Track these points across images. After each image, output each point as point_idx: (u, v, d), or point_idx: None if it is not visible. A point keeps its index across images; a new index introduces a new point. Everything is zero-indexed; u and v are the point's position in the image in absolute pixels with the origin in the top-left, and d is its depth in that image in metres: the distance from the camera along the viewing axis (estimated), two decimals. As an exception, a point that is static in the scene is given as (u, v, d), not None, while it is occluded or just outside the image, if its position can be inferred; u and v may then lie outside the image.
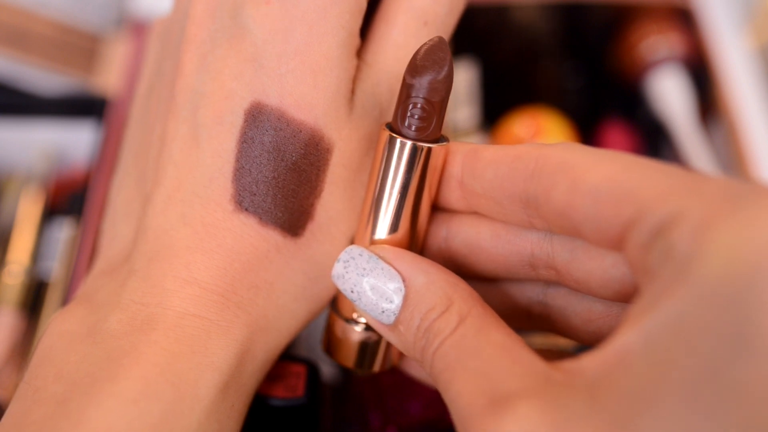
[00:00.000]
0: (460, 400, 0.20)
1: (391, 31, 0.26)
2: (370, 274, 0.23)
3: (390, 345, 0.26)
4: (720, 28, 0.47)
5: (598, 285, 0.23)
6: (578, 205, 0.21)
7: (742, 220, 0.17)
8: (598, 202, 0.20)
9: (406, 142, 0.23)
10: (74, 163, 0.46)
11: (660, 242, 0.18)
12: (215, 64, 0.25)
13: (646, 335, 0.18)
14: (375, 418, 0.33)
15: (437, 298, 0.22)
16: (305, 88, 0.24)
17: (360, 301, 0.23)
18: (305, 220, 0.25)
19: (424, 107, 0.23)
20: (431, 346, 0.22)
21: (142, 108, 0.29)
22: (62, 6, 0.45)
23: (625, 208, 0.20)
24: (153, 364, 0.23)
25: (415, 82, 0.23)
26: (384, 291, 0.23)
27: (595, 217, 0.20)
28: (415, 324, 0.22)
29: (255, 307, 0.25)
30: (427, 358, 0.22)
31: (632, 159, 0.21)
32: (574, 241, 0.23)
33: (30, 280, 0.40)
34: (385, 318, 0.23)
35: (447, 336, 0.21)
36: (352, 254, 0.24)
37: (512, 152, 0.23)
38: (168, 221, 0.25)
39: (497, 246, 0.25)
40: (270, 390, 0.27)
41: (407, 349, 0.23)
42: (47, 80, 0.44)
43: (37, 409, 0.22)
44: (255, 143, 0.25)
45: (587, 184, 0.21)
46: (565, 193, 0.21)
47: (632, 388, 0.17)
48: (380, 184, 0.24)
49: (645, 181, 0.20)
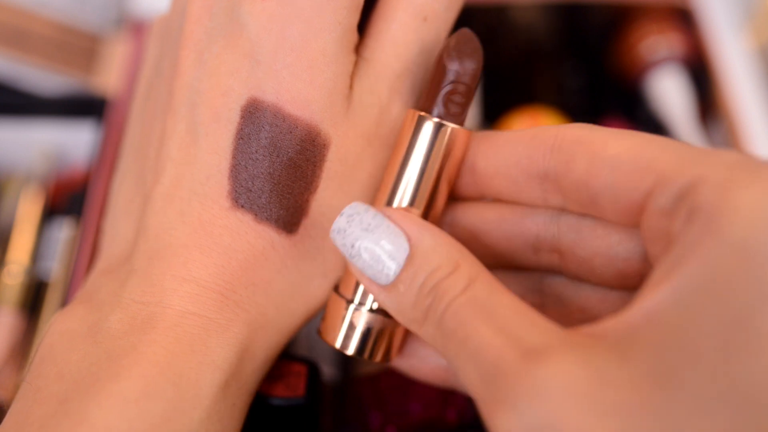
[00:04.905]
0: (486, 353, 0.19)
1: (389, 27, 0.26)
2: (375, 230, 0.23)
3: (393, 335, 0.26)
4: (720, 28, 0.47)
5: (602, 263, 0.24)
6: (598, 174, 0.22)
7: (763, 183, 0.18)
8: (617, 172, 0.21)
9: (443, 124, 0.24)
10: (74, 163, 0.46)
11: (684, 206, 0.19)
12: (212, 61, 0.25)
13: (677, 291, 0.18)
14: (375, 418, 0.33)
15: (444, 260, 0.22)
16: (301, 84, 0.24)
17: (359, 258, 0.23)
18: (300, 216, 0.25)
19: (463, 92, 0.24)
20: (440, 304, 0.21)
21: (141, 106, 0.29)
22: (62, 6, 0.45)
23: (645, 177, 0.21)
24: (153, 363, 0.23)
25: (458, 68, 0.24)
26: (387, 248, 0.22)
27: (615, 185, 0.21)
28: (419, 283, 0.22)
29: (254, 305, 0.25)
30: (433, 317, 0.21)
31: (648, 135, 0.22)
32: (581, 222, 0.24)
33: (30, 280, 0.40)
34: (383, 278, 0.22)
35: (457, 295, 0.21)
36: (357, 209, 0.23)
37: (528, 132, 0.24)
38: (167, 219, 0.25)
39: (502, 229, 0.25)
40: (270, 389, 0.27)
41: (403, 311, 0.22)
42: (47, 80, 0.44)
43: (38, 408, 0.22)
44: (251, 140, 0.25)
45: (607, 155, 0.22)
46: (585, 163, 0.22)
47: (667, 343, 0.17)
48: (404, 163, 0.24)
49: (664, 153, 0.21)
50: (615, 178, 0.21)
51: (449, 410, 0.33)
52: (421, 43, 0.26)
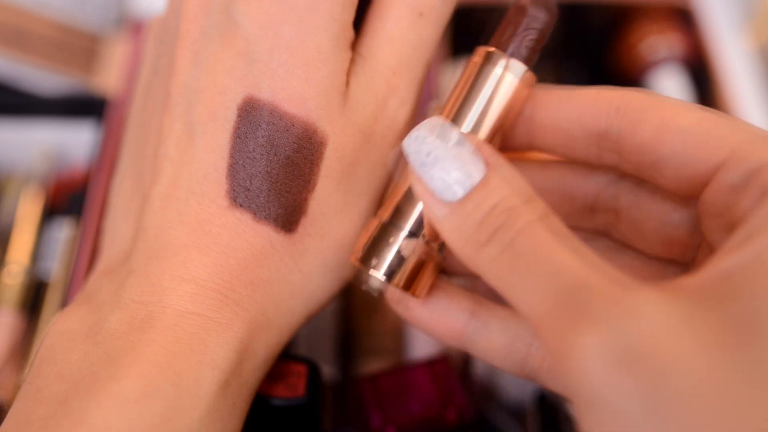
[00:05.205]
0: (570, 273, 0.19)
1: (385, 23, 0.26)
2: (454, 146, 0.22)
3: (426, 270, 0.24)
4: (720, 28, 0.47)
5: (653, 228, 0.25)
6: (667, 141, 0.22)
7: None
8: (687, 141, 0.22)
9: (517, 64, 0.24)
10: (74, 163, 0.46)
11: (756, 183, 0.20)
12: (208, 60, 0.25)
13: (758, 253, 0.18)
14: (375, 418, 0.33)
15: (520, 189, 0.21)
16: (297, 81, 0.24)
17: (431, 168, 0.21)
18: (299, 215, 0.25)
19: (539, 39, 0.25)
20: (514, 224, 0.20)
21: (140, 106, 0.30)
22: (62, 6, 0.45)
23: (717, 150, 0.21)
24: (153, 362, 0.23)
25: (539, 14, 0.24)
26: (463, 164, 0.21)
27: (683, 154, 0.22)
28: (491, 204, 0.21)
29: (253, 305, 0.25)
30: (503, 237, 0.20)
31: (719, 111, 0.22)
32: (640, 186, 0.25)
33: (30, 280, 0.40)
34: (451, 194, 0.21)
35: (534, 219, 0.20)
36: (439, 122, 0.22)
37: (590, 91, 0.24)
38: (165, 219, 0.25)
39: (563, 188, 0.26)
40: (271, 389, 0.27)
41: (464, 231, 0.21)
42: (47, 80, 0.44)
43: (38, 408, 0.22)
44: (248, 138, 0.25)
45: (678, 123, 0.22)
46: (654, 128, 0.22)
47: (754, 294, 0.18)
48: (469, 94, 0.24)
49: (737, 131, 0.21)
50: (684, 147, 0.22)
51: (449, 410, 0.33)
52: (418, 38, 0.26)
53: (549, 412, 0.33)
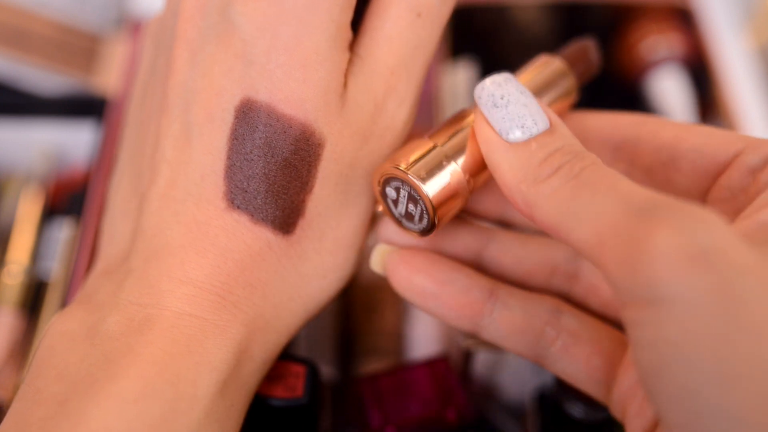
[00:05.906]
0: (640, 194, 0.20)
1: (383, 23, 0.26)
2: (527, 96, 0.24)
3: (455, 204, 0.25)
4: (720, 28, 0.47)
5: None
6: (687, 138, 0.25)
7: None
8: (709, 138, 0.25)
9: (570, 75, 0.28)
10: (74, 163, 0.46)
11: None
12: (205, 61, 0.25)
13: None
14: (375, 418, 0.33)
15: (579, 142, 0.23)
16: (294, 83, 0.24)
17: (503, 110, 0.23)
18: (296, 216, 0.25)
19: (585, 76, 0.29)
20: (582, 161, 0.22)
21: (137, 107, 0.29)
22: (62, 6, 0.45)
23: (734, 143, 0.24)
24: (151, 364, 0.23)
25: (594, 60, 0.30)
26: (533, 111, 0.24)
27: (704, 147, 0.24)
28: (557, 146, 0.23)
29: (251, 306, 0.25)
30: (569, 171, 0.22)
31: None
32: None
33: (30, 280, 0.40)
34: (520, 133, 0.23)
35: (599, 162, 0.22)
36: (513, 77, 0.25)
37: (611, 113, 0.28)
38: (163, 220, 0.25)
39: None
40: (269, 390, 0.27)
41: (525, 167, 0.23)
42: (47, 80, 0.44)
43: (37, 409, 0.22)
44: (246, 140, 0.25)
45: (697, 128, 0.25)
46: (675, 132, 0.25)
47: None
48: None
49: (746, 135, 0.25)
50: (705, 141, 0.25)
51: (449, 410, 0.33)
52: (416, 38, 0.26)
53: (549, 412, 0.33)
